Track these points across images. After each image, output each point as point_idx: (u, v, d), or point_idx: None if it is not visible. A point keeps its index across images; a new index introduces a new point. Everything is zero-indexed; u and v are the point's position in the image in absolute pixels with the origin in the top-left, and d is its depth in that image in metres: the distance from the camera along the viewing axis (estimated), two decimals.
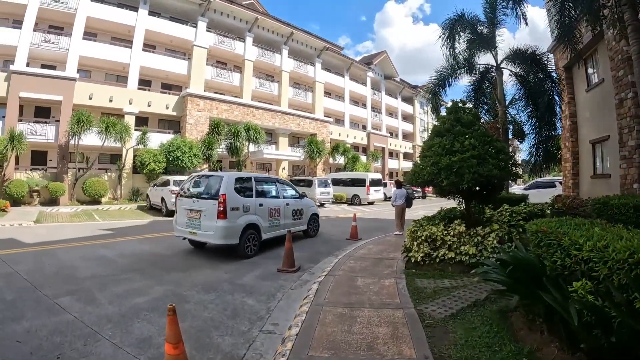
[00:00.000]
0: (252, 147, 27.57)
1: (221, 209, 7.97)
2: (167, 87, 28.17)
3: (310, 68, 36.65)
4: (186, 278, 6.66)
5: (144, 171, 22.24)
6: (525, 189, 22.76)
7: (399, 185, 12.26)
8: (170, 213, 17.07)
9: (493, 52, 14.13)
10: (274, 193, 10.12)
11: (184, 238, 9.05)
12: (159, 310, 5.01)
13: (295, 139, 35.54)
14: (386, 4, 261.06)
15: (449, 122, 6.86)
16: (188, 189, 9.18)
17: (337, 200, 28.25)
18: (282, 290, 6.07)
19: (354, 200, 28.08)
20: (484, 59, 23.77)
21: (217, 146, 24.88)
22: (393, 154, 51.41)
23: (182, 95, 26.07)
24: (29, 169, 21.72)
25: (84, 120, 20.00)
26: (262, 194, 9.50)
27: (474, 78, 14.17)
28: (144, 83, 26.48)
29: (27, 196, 19.58)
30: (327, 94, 40.04)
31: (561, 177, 25.17)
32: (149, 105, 24.57)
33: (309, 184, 25.39)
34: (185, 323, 4.58)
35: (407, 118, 56.79)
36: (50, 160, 22.80)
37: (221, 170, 28.17)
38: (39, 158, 22.84)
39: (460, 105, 7.23)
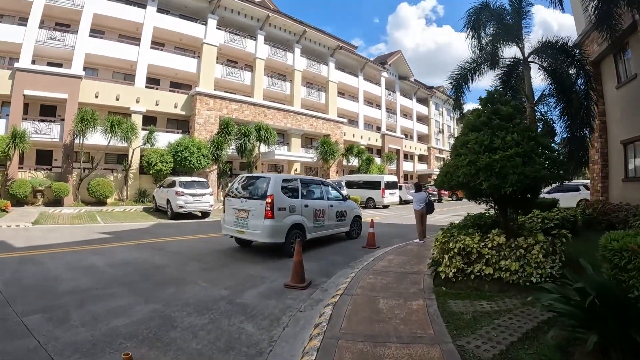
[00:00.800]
0: (263, 148, 26.79)
1: (269, 208, 8.30)
2: (176, 86, 27.53)
3: (324, 67, 35.79)
4: (178, 294, 5.77)
5: (151, 172, 21.56)
6: (547, 192, 21.55)
7: (418, 187, 11.21)
8: (176, 216, 16.33)
9: (519, 45, 13.07)
10: (318, 194, 10.35)
11: (231, 236, 9.47)
12: (138, 337, 4.15)
13: (308, 140, 34.73)
14: (398, 5, 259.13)
15: (485, 114, 5.86)
16: (236, 190, 9.43)
17: None
18: (288, 312, 5.11)
19: (368, 204, 26.87)
20: (509, 52, 22.47)
21: (226, 146, 24.11)
22: (408, 156, 50.29)
23: (191, 94, 25.40)
24: (34, 168, 21.24)
25: (89, 119, 19.39)
26: (307, 195, 9.78)
27: (502, 72, 13.07)
28: (153, 82, 25.89)
29: (30, 196, 19.12)
30: (341, 94, 39.14)
31: (585, 181, 23.82)
32: (156, 104, 23.95)
33: None
34: (166, 357, 3.71)
35: (422, 119, 55.52)
36: (56, 160, 22.30)
37: (231, 172, 27.46)
38: (44, 157, 22.37)
39: (496, 96, 6.23)
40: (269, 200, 8.33)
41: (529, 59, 13.03)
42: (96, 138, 20.47)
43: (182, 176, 18.82)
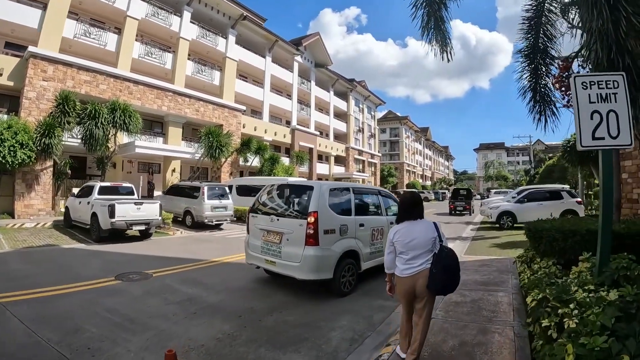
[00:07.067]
0: (126, 139, 21.04)
1: (311, 231, 6.40)
2: (15, 49, 20.50)
3: (221, 40, 30.66)
4: None
5: None
6: (519, 200, 18.98)
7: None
8: None
9: None
10: (374, 208, 8.46)
11: (258, 267, 7.65)
12: None
13: (194, 132, 29.23)
14: (321, 11, 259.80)
15: None
16: (264, 203, 7.69)
17: (241, 217, 19.79)
18: None
19: None
20: None
21: (60, 132, 17.69)
22: (322, 157, 46.93)
23: (25, 57, 18.89)
24: None
25: None
26: (361, 209, 7.89)
27: None
28: None
29: None
30: (243, 77, 34.40)
31: (564, 186, 20.68)
32: None
33: (193, 193, 18.23)
34: None
35: (340, 116, 52.55)
36: None
37: (81, 172, 21.53)
38: None
39: None
40: (311, 219, 6.47)
41: None
42: None
43: None
